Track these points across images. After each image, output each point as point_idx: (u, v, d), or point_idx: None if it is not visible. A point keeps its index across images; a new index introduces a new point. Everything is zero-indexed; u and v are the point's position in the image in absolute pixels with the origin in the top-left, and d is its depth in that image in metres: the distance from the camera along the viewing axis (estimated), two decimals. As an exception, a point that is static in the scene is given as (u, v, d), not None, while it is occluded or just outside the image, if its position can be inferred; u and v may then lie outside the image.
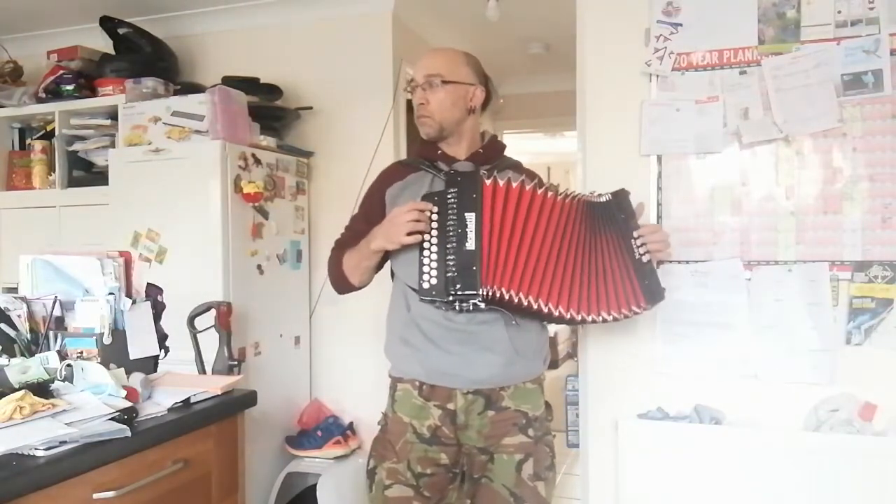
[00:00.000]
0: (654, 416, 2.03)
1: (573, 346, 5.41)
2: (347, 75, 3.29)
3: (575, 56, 2.15)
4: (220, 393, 1.69)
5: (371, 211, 1.78)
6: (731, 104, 1.97)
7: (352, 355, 3.24)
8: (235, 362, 2.44)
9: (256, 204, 2.89)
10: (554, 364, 6.80)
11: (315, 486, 2.90)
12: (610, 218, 1.68)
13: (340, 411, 3.21)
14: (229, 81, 3.01)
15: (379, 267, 1.77)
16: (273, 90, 3.23)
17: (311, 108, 3.33)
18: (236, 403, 1.74)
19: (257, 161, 2.92)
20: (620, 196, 1.70)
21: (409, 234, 1.56)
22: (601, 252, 1.66)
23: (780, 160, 1.93)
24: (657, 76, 2.03)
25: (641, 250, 1.66)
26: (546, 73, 4.64)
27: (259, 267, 2.93)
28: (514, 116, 5.02)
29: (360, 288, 1.81)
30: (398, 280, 1.75)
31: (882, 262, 1.85)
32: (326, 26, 3.32)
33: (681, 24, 2.00)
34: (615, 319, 1.65)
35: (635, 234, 1.67)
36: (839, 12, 1.88)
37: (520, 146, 6.59)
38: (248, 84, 3.07)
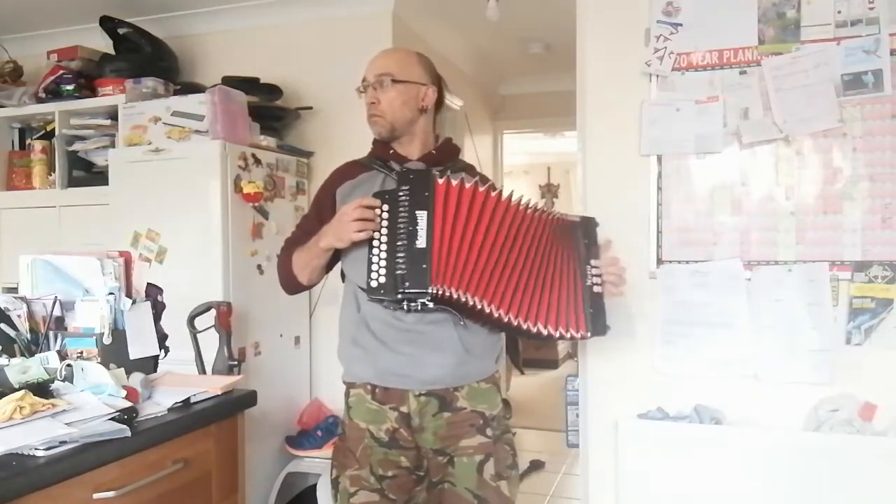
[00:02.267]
0: (654, 416, 2.03)
1: (573, 346, 5.41)
2: (347, 75, 3.25)
3: (575, 56, 2.15)
4: (220, 393, 1.70)
5: (322, 210, 1.77)
6: (731, 104, 1.97)
7: (352, 355, 3.24)
8: (235, 362, 2.44)
9: (256, 204, 2.89)
10: (554, 364, 6.80)
11: (315, 486, 2.91)
12: (572, 239, 1.69)
13: (340, 411, 3.20)
14: (229, 81, 3.01)
15: (329, 267, 1.76)
16: (273, 90, 3.23)
17: (311, 108, 3.33)
18: (236, 403, 1.74)
19: (257, 161, 2.92)
20: (588, 223, 1.72)
21: (359, 231, 1.54)
22: (553, 267, 1.65)
23: (780, 160, 1.93)
24: (657, 76, 2.03)
25: (594, 279, 1.66)
26: (546, 73, 4.64)
27: (259, 267, 2.93)
28: (514, 116, 5.03)
29: (309, 287, 1.81)
30: (349, 280, 1.74)
31: (882, 262, 1.85)
32: (326, 26, 3.32)
33: (681, 24, 2.00)
34: (549, 336, 1.64)
35: (592, 262, 1.68)
36: (839, 12, 1.88)
37: (520, 146, 6.59)
38: (248, 84, 3.07)
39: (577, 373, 2.18)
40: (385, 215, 1.56)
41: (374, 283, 1.54)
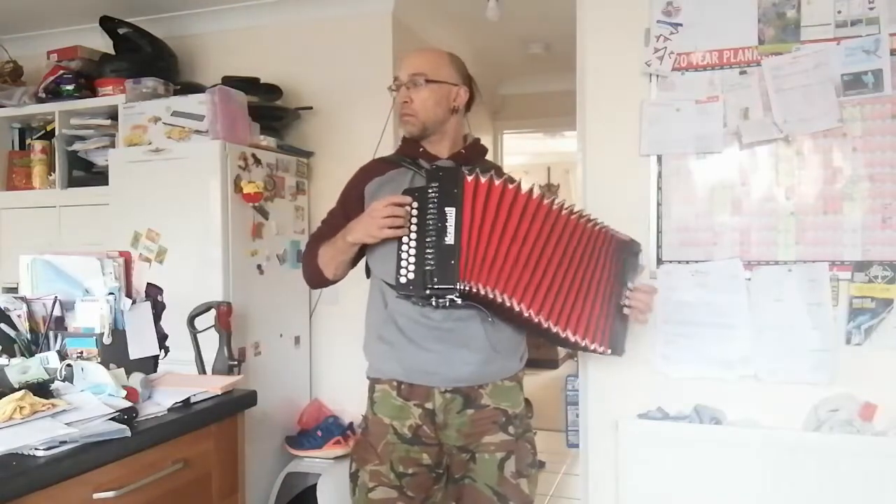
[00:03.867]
0: (654, 416, 2.03)
1: (573, 346, 5.38)
2: (347, 75, 3.29)
3: (575, 56, 2.15)
4: (220, 393, 1.69)
5: (349, 206, 1.77)
6: (731, 104, 1.97)
7: (352, 355, 3.20)
8: (235, 362, 2.44)
9: (256, 204, 2.89)
10: (554, 364, 6.79)
11: (315, 486, 2.90)
12: (617, 256, 1.69)
13: (340, 411, 3.21)
14: (229, 81, 3.01)
15: (354, 262, 1.76)
16: (273, 90, 3.23)
17: (311, 108, 3.33)
18: (236, 403, 1.74)
19: (257, 161, 2.92)
20: (633, 246, 1.72)
21: (389, 227, 1.55)
22: (592, 276, 1.66)
23: (780, 160, 1.93)
24: (657, 76, 2.03)
25: (626, 301, 1.67)
26: (546, 73, 4.64)
27: (259, 267, 2.93)
28: (514, 116, 5.03)
29: (333, 282, 1.80)
30: (374, 277, 1.74)
31: (882, 262, 1.85)
32: (326, 26, 3.32)
33: (681, 24, 2.00)
34: (573, 343, 1.63)
35: (630, 284, 1.69)
36: (839, 12, 1.88)
37: (520, 146, 6.58)
38: (248, 84, 3.07)
39: (577, 373, 2.18)
40: (414, 212, 1.57)
41: (402, 280, 1.55)
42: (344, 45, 3.30)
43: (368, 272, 1.78)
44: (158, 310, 1.87)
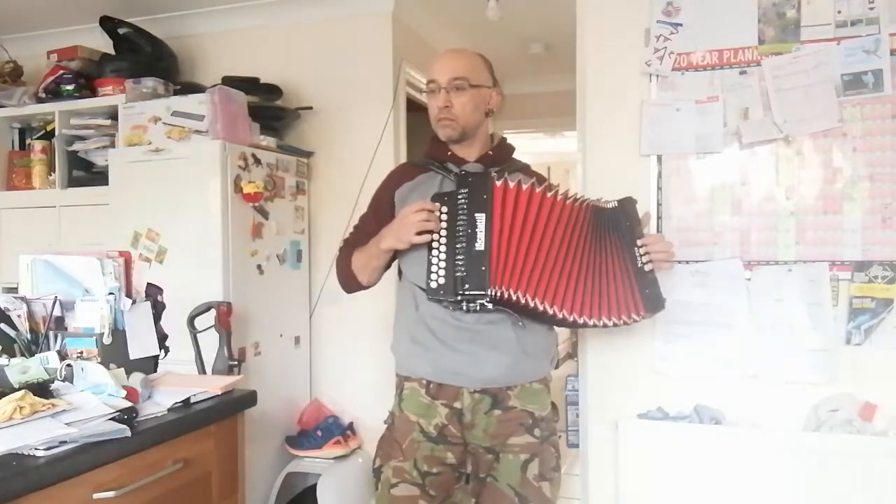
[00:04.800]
0: (654, 416, 2.03)
1: (573, 346, 5.40)
2: (347, 75, 3.29)
3: (575, 56, 2.15)
4: (220, 393, 1.69)
5: (380, 211, 1.79)
6: (731, 104, 1.97)
7: (352, 355, 3.24)
8: (235, 362, 2.44)
9: (256, 204, 2.89)
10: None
11: (315, 486, 2.90)
12: (615, 225, 1.68)
13: (340, 411, 3.21)
14: (229, 81, 3.01)
15: (387, 266, 1.78)
16: (273, 90, 3.23)
17: (311, 108, 3.33)
18: (236, 403, 1.74)
19: (257, 161, 2.92)
20: (627, 204, 1.70)
21: (419, 233, 1.57)
22: (605, 258, 1.67)
23: (780, 160, 1.93)
24: (657, 76, 2.03)
25: (644, 259, 1.66)
26: (546, 73, 4.64)
27: (259, 267, 2.93)
28: (514, 116, 5.01)
29: (367, 287, 1.81)
30: (406, 279, 1.76)
31: (882, 262, 1.85)
32: (326, 26, 3.32)
33: (681, 24, 2.00)
34: (615, 325, 1.66)
35: (639, 242, 1.66)
36: (839, 12, 1.88)
37: (520, 146, 6.57)
38: (248, 84, 3.07)
39: (577, 373, 2.18)
40: (444, 217, 1.59)
41: (433, 284, 1.57)
42: (344, 45, 3.30)
43: (401, 274, 1.79)
44: (158, 310, 1.87)
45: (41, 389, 1.46)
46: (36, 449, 1.25)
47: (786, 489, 1.86)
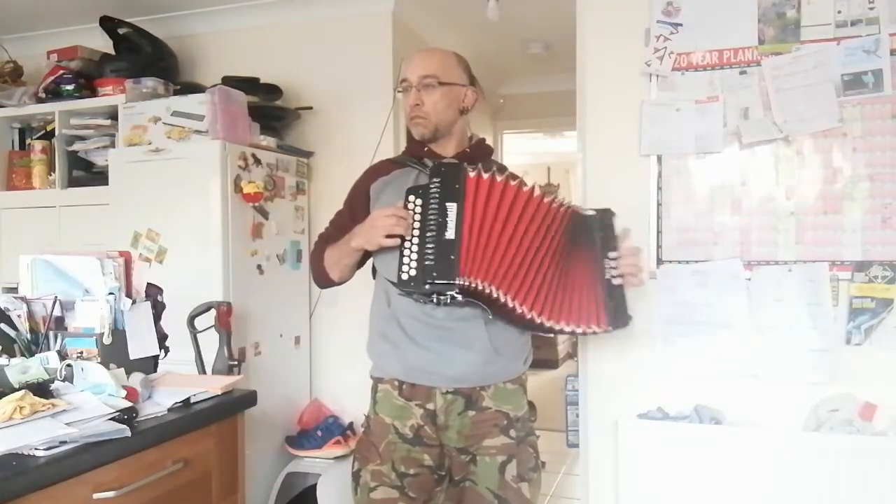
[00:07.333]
0: (654, 416, 2.03)
1: (573, 346, 5.41)
2: (347, 75, 3.29)
3: (575, 56, 2.15)
4: (220, 393, 1.69)
5: (355, 206, 1.78)
6: (731, 104, 1.97)
7: (352, 355, 3.22)
8: (235, 362, 2.44)
9: (256, 204, 2.89)
10: (554, 364, 6.79)
11: (315, 486, 2.90)
12: (589, 233, 1.67)
13: (340, 411, 3.21)
14: (229, 81, 3.01)
15: (361, 264, 1.77)
16: (273, 90, 3.23)
17: (311, 108, 3.33)
18: (236, 403, 1.74)
19: (257, 161, 2.92)
20: (604, 214, 1.69)
21: (388, 236, 1.55)
22: (574, 263, 1.65)
23: (780, 160, 1.93)
24: (657, 76, 2.03)
25: (613, 272, 1.65)
26: (546, 73, 4.64)
27: (259, 267, 2.93)
28: (514, 116, 5.02)
29: (339, 283, 1.81)
30: (379, 276, 1.75)
31: (882, 262, 1.85)
32: (326, 26, 3.32)
33: (681, 24, 2.00)
34: (573, 333, 1.63)
35: (610, 254, 1.65)
36: (839, 12, 1.88)
37: (520, 146, 6.58)
38: (248, 84, 3.07)
39: (577, 373, 2.18)
40: (418, 209, 1.57)
41: (404, 276, 1.54)
42: (344, 45, 3.30)
43: (375, 273, 1.78)
44: (158, 310, 1.87)
45: (41, 389, 1.45)
46: (36, 449, 1.25)
47: (786, 489, 1.86)
